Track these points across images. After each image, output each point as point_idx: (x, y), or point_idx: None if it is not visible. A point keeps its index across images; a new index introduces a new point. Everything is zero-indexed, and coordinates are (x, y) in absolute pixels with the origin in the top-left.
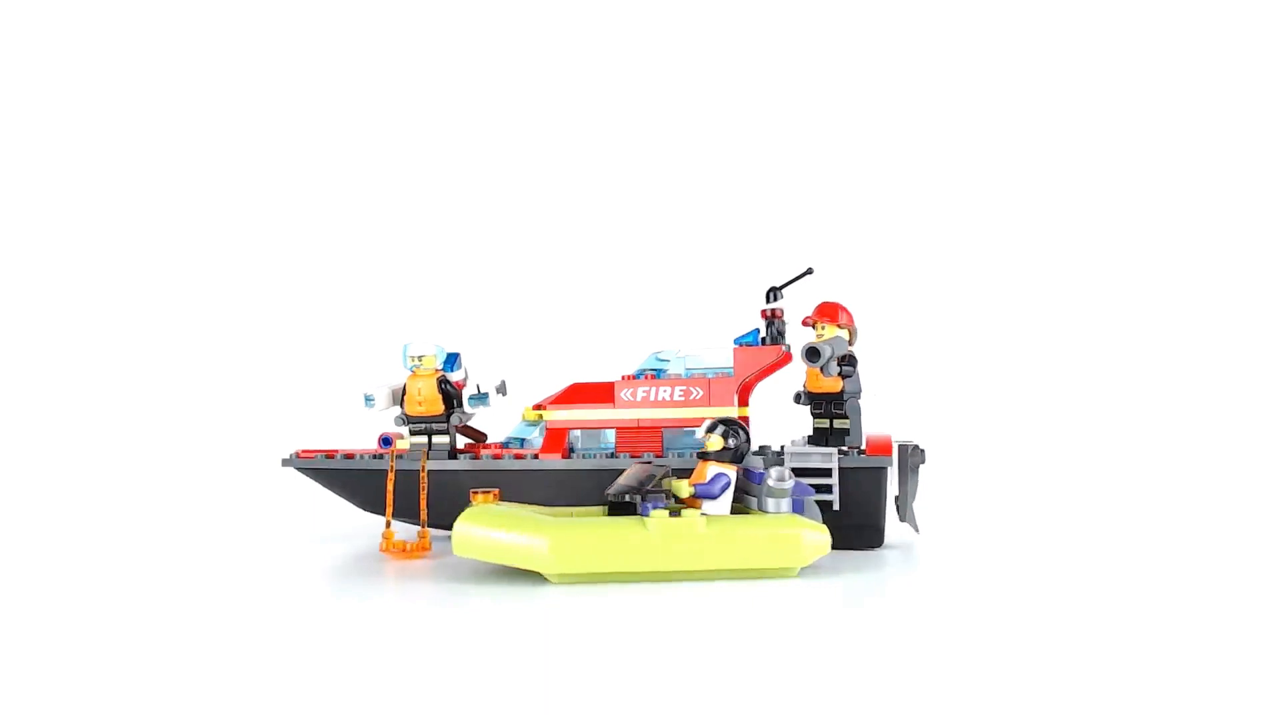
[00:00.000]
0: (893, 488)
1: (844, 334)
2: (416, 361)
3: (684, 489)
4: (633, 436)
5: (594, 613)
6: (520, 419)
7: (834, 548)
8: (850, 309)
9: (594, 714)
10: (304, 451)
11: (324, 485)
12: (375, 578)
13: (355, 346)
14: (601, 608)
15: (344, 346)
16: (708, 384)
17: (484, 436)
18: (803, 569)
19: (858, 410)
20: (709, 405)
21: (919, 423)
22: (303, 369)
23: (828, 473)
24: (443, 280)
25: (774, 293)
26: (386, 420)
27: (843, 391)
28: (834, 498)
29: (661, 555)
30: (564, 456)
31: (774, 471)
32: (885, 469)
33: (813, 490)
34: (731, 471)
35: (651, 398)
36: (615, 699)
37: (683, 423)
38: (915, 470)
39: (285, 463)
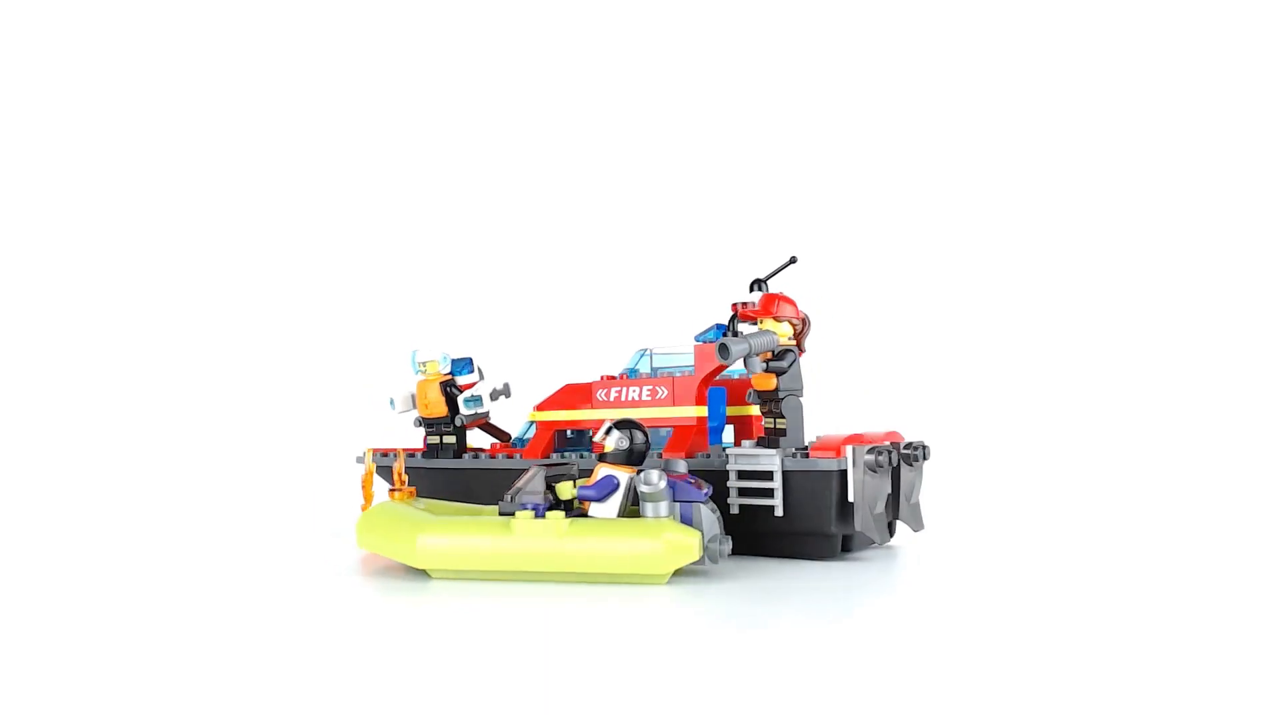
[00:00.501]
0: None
1: (780, 327)
2: (423, 367)
3: (567, 490)
4: None
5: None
6: (526, 419)
7: (785, 556)
8: (795, 301)
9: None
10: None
11: (387, 481)
12: (352, 571)
13: (390, 352)
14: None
15: (379, 353)
16: (672, 383)
17: (508, 436)
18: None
19: (796, 408)
20: (673, 405)
21: (914, 419)
22: (327, 373)
23: (770, 476)
24: (463, 286)
25: (758, 284)
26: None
27: (777, 389)
28: (775, 503)
29: (525, 556)
30: (543, 456)
31: (643, 474)
32: (831, 473)
33: (703, 494)
34: (623, 474)
35: (623, 398)
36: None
37: (652, 422)
38: (875, 472)
39: (358, 460)
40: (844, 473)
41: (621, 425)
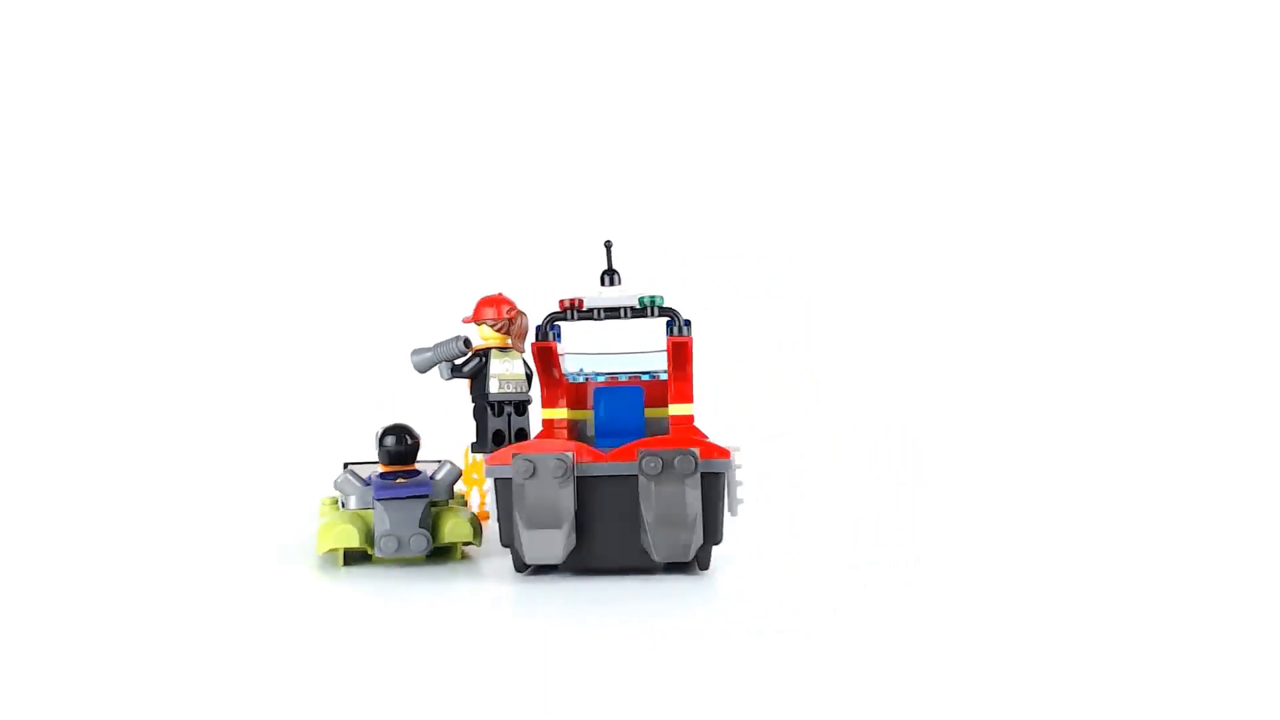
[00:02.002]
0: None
1: (481, 330)
2: None
3: None
4: None
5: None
6: None
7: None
8: (509, 300)
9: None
10: None
11: None
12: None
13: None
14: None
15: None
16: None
17: None
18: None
19: (478, 414)
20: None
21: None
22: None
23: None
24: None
25: (610, 276)
26: None
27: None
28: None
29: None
30: None
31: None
32: (496, 482)
33: (402, 493)
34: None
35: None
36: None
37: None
38: (528, 482)
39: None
40: (505, 481)
41: (390, 430)
